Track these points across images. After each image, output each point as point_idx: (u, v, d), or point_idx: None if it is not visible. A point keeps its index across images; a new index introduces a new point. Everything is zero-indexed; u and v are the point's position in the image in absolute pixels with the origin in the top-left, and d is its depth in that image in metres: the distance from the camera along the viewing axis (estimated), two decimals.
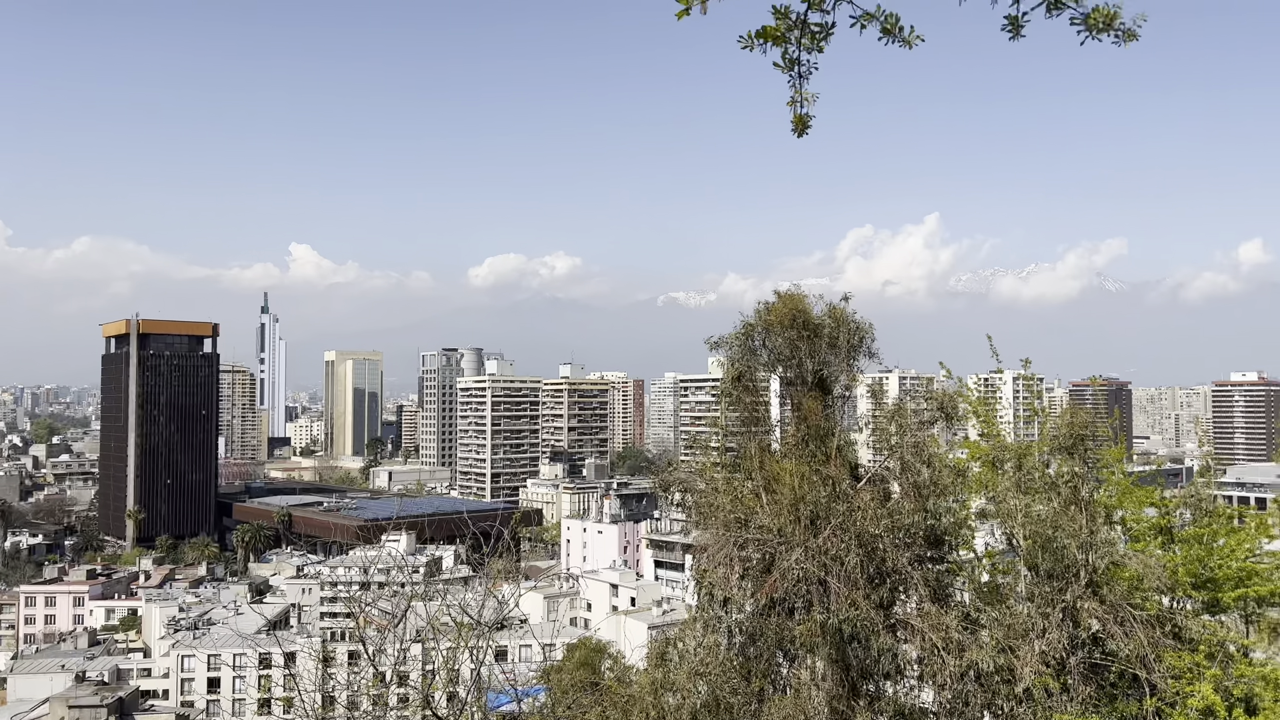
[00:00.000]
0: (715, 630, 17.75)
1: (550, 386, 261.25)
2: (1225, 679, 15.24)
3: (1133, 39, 4.06)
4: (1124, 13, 4.01)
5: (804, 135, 4.63)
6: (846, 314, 21.11)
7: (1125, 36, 4.05)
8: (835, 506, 17.49)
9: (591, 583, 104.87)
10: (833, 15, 4.10)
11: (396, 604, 13.66)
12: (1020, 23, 4.04)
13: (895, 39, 4.08)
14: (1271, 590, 18.91)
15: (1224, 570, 18.74)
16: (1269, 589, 18.89)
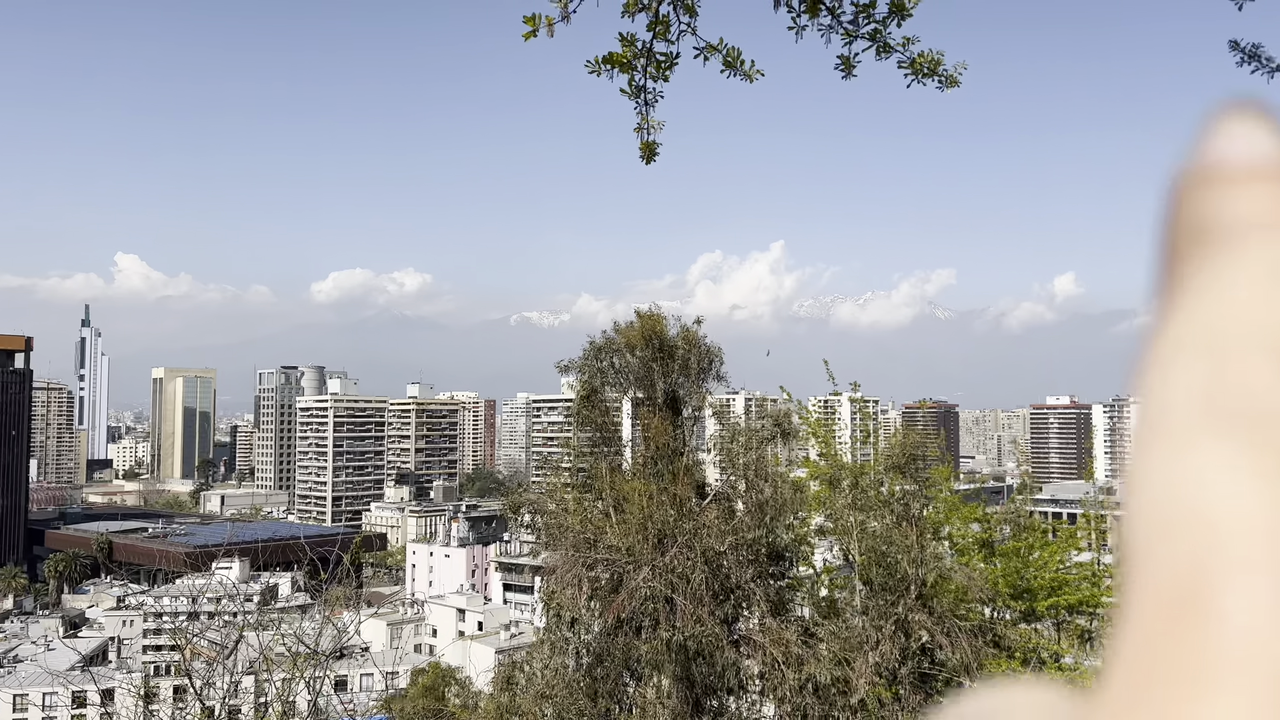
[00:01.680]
0: (562, 652, 17.68)
1: (397, 406, 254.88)
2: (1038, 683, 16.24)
3: (955, 85, 4.36)
4: (946, 60, 4.31)
5: (652, 162, 4.74)
6: (698, 337, 21.58)
7: (948, 82, 4.34)
8: (682, 525, 17.76)
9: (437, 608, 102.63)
10: (677, 46, 4.23)
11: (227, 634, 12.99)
12: (852, 63, 4.28)
13: (736, 72, 4.24)
14: (1080, 599, 20.32)
15: (1038, 581, 20.00)
16: (1077, 598, 20.28)
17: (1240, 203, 0.42)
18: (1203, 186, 0.42)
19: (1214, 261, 0.41)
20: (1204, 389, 0.37)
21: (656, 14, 4.12)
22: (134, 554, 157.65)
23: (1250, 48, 4.18)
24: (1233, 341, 0.38)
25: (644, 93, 4.30)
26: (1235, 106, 0.45)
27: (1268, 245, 0.40)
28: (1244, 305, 0.39)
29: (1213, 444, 0.35)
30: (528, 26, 3.77)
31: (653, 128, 4.48)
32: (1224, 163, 0.43)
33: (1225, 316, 0.39)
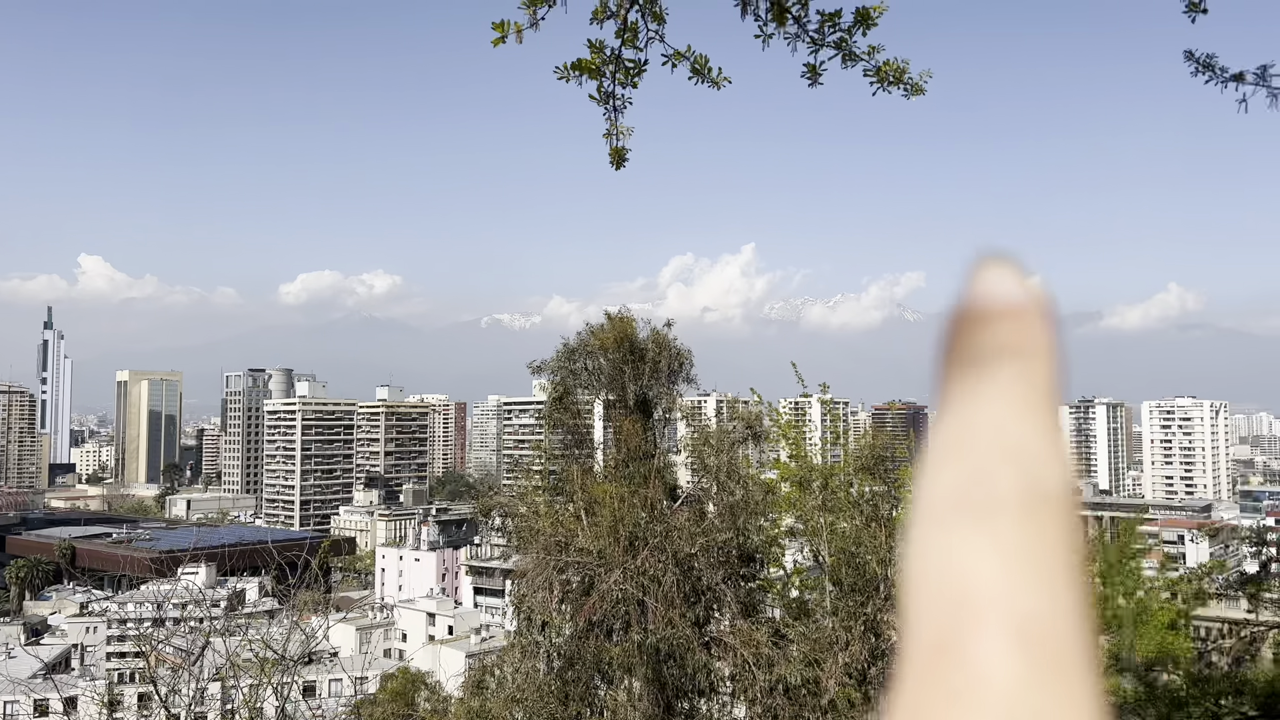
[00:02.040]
0: (533, 655, 17.64)
1: (366, 409, 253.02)
2: None
3: (919, 93, 4.41)
4: (911, 68, 4.36)
5: (621, 167, 4.75)
6: (669, 339, 21.62)
7: (913, 90, 4.40)
8: (654, 527, 17.78)
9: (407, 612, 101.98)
10: (645, 53, 4.25)
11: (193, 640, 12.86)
12: (818, 71, 4.32)
13: (704, 79, 4.26)
14: None
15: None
16: None
17: (991, 336, 0.55)
18: (966, 322, 0.56)
19: (970, 383, 0.54)
20: (957, 485, 0.50)
21: (625, 21, 4.13)
22: (98, 559, 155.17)
23: (1205, 58, 4.27)
24: (979, 448, 0.51)
25: (613, 99, 4.32)
26: (994, 258, 0.59)
27: (1005, 370, 0.53)
28: (987, 418, 0.52)
29: (962, 528, 0.49)
30: (496, 33, 3.78)
31: (622, 134, 4.49)
32: (981, 303, 0.56)
33: (974, 427, 0.52)
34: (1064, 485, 0.51)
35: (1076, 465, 0.51)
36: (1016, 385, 0.54)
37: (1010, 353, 0.55)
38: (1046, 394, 0.54)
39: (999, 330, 0.56)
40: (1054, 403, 0.54)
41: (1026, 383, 0.54)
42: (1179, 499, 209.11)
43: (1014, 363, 0.54)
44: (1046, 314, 0.57)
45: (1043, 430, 0.52)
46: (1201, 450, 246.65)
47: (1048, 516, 0.50)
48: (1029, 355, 0.55)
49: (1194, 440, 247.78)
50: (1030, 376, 0.54)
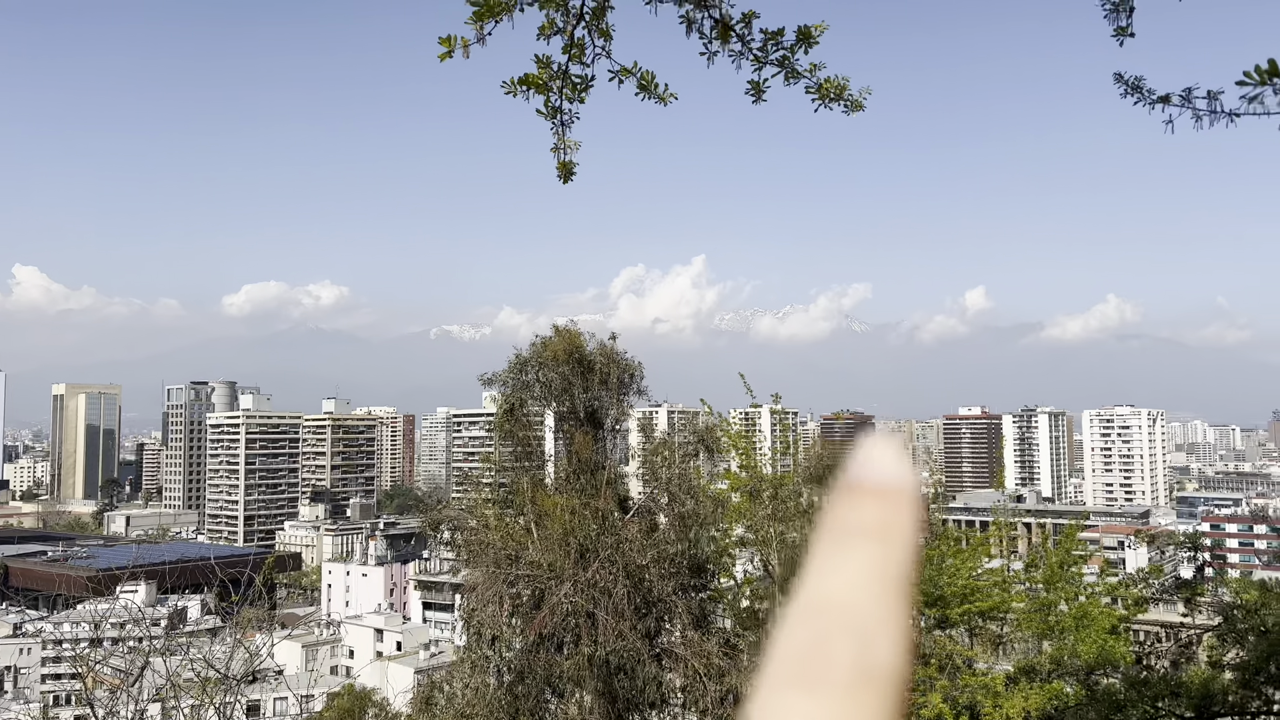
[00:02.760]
0: (483, 670, 17.50)
1: (312, 422, 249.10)
2: (953, 689, 16.68)
3: (859, 109, 4.51)
4: (851, 85, 4.46)
5: (569, 181, 4.78)
6: (617, 352, 21.64)
7: (852, 106, 4.50)
8: (604, 539, 17.76)
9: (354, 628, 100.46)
10: (593, 69, 4.29)
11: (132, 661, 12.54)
12: (761, 88, 4.40)
13: (651, 95, 4.32)
14: (991, 605, 20.92)
15: (951, 588, 20.54)
16: (989, 604, 20.87)
17: (861, 510, 0.60)
18: (846, 493, 0.61)
19: (832, 556, 0.60)
20: (798, 655, 0.56)
21: (572, 37, 4.17)
22: (32, 578, 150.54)
23: (1133, 81, 4.44)
24: (824, 621, 0.57)
25: (560, 114, 4.35)
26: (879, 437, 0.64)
27: (865, 549, 0.59)
28: (839, 593, 0.58)
29: (794, 698, 0.55)
30: (443, 48, 3.79)
31: (569, 148, 4.52)
32: (862, 477, 0.61)
33: (825, 601, 0.58)
34: (896, 665, 0.55)
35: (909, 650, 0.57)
36: (871, 565, 0.58)
37: (872, 533, 0.60)
38: (897, 576, 0.59)
39: (867, 510, 0.60)
40: (903, 585, 0.58)
41: (881, 564, 0.59)
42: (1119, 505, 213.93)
43: (873, 543, 0.59)
44: (913, 498, 0.62)
45: (886, 611, 0.57)
46: (1140, 458, 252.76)
47: (875, 693, 0.54)
48: (888, 538, 0.60)
49: (1133, 448, 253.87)
50: (886, 558, 0.59)
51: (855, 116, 4.63)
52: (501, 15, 3.88)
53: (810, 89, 4.34)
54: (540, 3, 4.04)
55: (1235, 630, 13.93)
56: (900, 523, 0.61)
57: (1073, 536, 23.12)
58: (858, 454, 0.62)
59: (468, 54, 3.81)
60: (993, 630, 21.90)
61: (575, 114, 4.37)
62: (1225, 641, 14.51)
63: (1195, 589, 19.39)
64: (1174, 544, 26.44)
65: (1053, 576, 21.94)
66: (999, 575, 22.57)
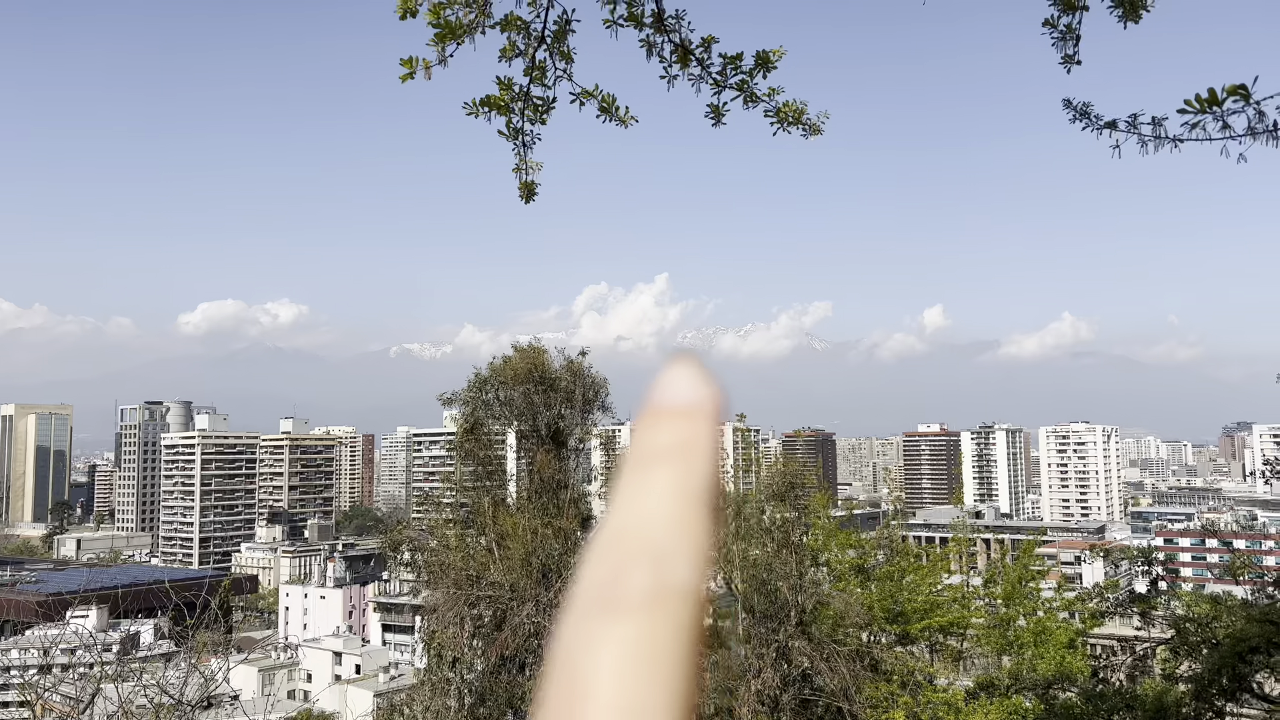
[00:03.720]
0: (444, 693, 17.32)
1: (270, 442, 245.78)
2: (915, 705, 16.79)
3: (817, 133, 4.59)
4: (810, 109, 4.54)
5: (531, 200, 4.81)
6: (583, 368, 21.62)
7: (811, 130, 4.57)
8: (567, 559, 17.69)
9: (312, 651, 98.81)
10: (554, 91, 4.33)
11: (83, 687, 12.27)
12: (721, 112, 4.46)
13: (612, 117, 4.36)
14: (951, 620, 21.09)
15: (911, 604, 20.71)
16: (949, 619, 21.04)
17: (661, 434, 0.60)
18: (648, 419, 0.60)
19: (633, 480, 0.59)
20: (599, 581, 0.57)
21: (533, 60, 4.21)
22: None
23: (1081, 106, 4.56)
24: (624, 545, 0.58)
25: (521, 134, 4.38)
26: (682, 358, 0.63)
27: (664, 470, 0.59)
28: (637, 516, 0.58)
29: (594, 622, 0.56)
30: (405, 69, 3.81)
31: (531, 168, 4.55)
32: (656, 403, 0.61)
33: (625, 525, 0.58)
34: (693, 583, 0.56)
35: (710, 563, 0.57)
36: (670, 486, 0.59)
37: (672, 453, 0.59)
38: (696, 494, 0.59)
39: (666, 432, 0.60)
40: (702, 502, 0.59)
41: (680, 484, 0.59)
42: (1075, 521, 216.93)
43: (672, 464, 0.59)
44: (712, 415, 0.61)
45: (683, 529, 0.57)
46: (1095, 474, 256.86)
47: (671, 612, 0.55)
48: (687, 458, 0.59)
49: (1088, 464, 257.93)
50: (684, 478, 0.59)
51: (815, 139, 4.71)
52: (463, 37, 3.91)
53: (769, 113, 4.42)
54: (502, 25, 4.08)
55: (1188, 643, 14.18)
56: (698, 441, 0.60)
57: (1030, 552, 23.42)
58: (660, 379, 0.63)
59: (429, 75, 3.83)
60: (953, 646, 22.06)
61: (537, 135, 4.41)
62: (1178, 654, 14.76)
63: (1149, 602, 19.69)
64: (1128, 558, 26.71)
65: (1012, 592, 22.19)
66: (959, 591, 22.78)
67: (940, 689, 18.11)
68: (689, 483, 0.59)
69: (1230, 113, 4.06)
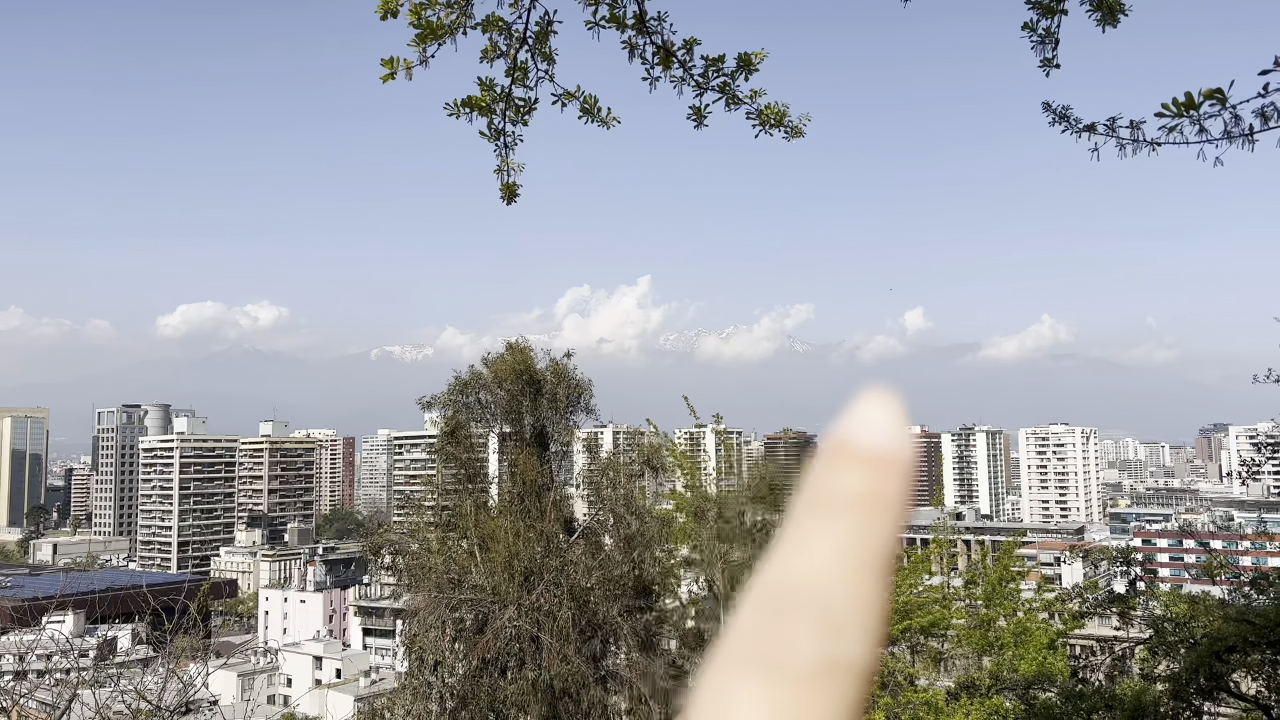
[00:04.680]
0: (425, 697, 17.24)
1: (249, 446, 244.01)
2: (895, 706, 16.83)
3: (799, 135, 4.60)
4: (791, 112, 4.55)
5: (512, 202, 4.79)
6: (568, 370, 21.58)
7: (793, 133, 4.58)
8: (549, 562, 17.66)
9: (292, 656, 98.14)
10: (535, 91, 4.32)
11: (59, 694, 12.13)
12: (703, 114, 4.47)
13: (593, 119, 4.35)
14: (932, 621, 21.17)
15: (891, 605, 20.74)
16: (929, 620, 21.13)
17: (845, 478, 0.52)
18: (831, 457, 0.53)
19: (810, 527, 0.52)
20: (759, 635, 0.50)
21: (515, 61, 4.20)
22: None
23: (1060, 109, 4.60)
24: (793, 603, 0.50)
25: (503, 136, 4.37)
26: (874, 393, 0.55)
27: (846, 522, 0.51)
28: (812, 572, 0.51)
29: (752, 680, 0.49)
30: (386, 69, 3.79)
31: (513, 169, 4.54)
32: (849, 441, 0.54)
33: (796, 579, 0.51)
34: (866, 660, 0.49)
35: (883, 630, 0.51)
36: (849, 541, 0.51)
37: (854, 505, 0.52)
38: (877, 555, 0.52)
39: (851, 477, 0.53)
40: (883, 566, 0.52)
41: (860, 540, 0.51)
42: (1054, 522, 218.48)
43: (855, 516, 0.52)
44: (904, 467, 0.54)
45: (861, 595, 0.51)
46: (1074, 475, 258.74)
47: (836, 687, 0.48)
48: (872, 511, 0.52)
49: (1067, 465, 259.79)
50: (866, 534, 0.52)
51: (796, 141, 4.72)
52: (444, 38, 3.89)
53: (751, 115, 4.42)
54: (483, 26, 4.07)
55: (1166, 642, 14.30)
56: (887, 494, 0.54)
57: (1010, 553, 23.55)
58: (849, 414, 0.55)
59: (410, 76, 3.81)
60: (934, 647, 22.16)
61: (519, 136, 4.40)
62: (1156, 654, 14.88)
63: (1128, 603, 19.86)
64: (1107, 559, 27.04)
65: (992, 593, 22.29)
66: (939, 592, 22.89)
67: (921, 690, 18.18)
68: (871, 540, 0.52)
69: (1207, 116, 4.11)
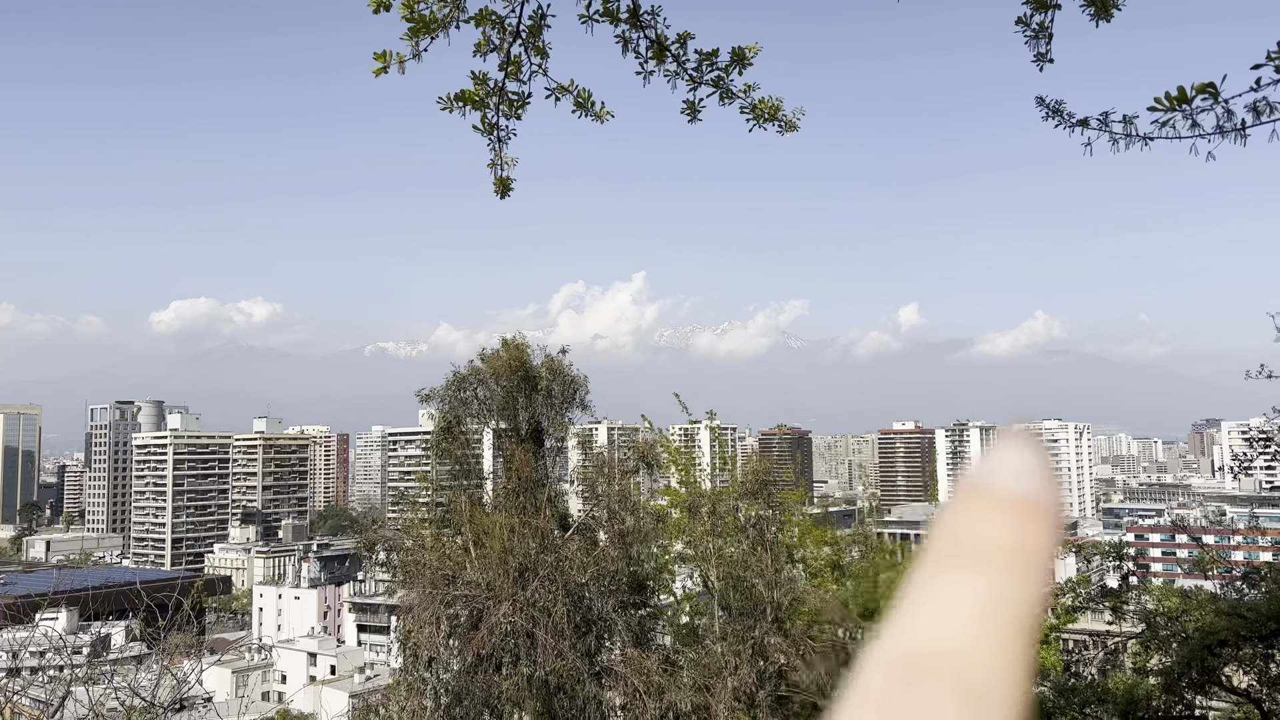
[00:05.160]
0: (420, 693, 17.24)
1: (243, 442, 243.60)
2: None
3: (793, 129, 4.60)
4: (785, 106, 4.55)
5: (506, 196, 4.79)
6: (563, 366, 21.58)
7: (786, 127, 4.58)
8: (544, 558, 17.65)
9: (286, 652, 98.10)
10: (529, 86, 4.31)
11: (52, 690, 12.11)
12: (697, 108, 4.46)
13: (587, 113, 4.35)
14: None
15: (887, 601, 20.78)
16: None
17: (986, 527, 0.46)
18: (968, 503, 0.47)
19: (943, 578, 0.46)
20: (889, 701, 0.44)
21: (508, 55, 4.19)
22: None
23: (1054, 104, 4.61)
24: (927, 666, 0.44)
25: (497, 130, 4.36)
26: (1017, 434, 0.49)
27: (981, 576, 0.45)
28: (950, 631, 0.44)
29: None
30: (379, 63, 3.78)
31: (506, 163, 4.54)
32: (990, 486, 0.48)
33: (933, 639, 0.44)
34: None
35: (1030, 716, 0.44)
36: (991, 600, 0.46)
37: (997, 558, 0.47)
38: (1024, 617, 0.46)
39: (993, 526, 0.47)
40: (1030, 629, 0.46)
41: (1004, 599, 0.46)
42: None
43: (997, 571, 0.46)
44: (1054, 516, 0.49)
45: (1006, 660, 0.45)
46: (1067, 471, 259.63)
47: None
48: (1017, 566, 0.47)
49: (1060, 461, 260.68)
50: (1011, 592, 0.46)
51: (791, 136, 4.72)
52: (437, 32, 3.89)
53: (745, 109, 4.42)
54: (477, 20, 4.06)
55: (1158, 637, 14.35)
56: (1032, 546, 0.48)
57: None
58: (989, 455, 0.50)
59: (403, 70, 3.80)
60: None
61: (512, 130, 4.39)
62: (1149, 648, 14.94)
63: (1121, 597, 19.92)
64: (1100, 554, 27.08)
65: None
66: None
67: None
68: (1016, 598, 0.46)
69: (1199, 111, 4.12)
